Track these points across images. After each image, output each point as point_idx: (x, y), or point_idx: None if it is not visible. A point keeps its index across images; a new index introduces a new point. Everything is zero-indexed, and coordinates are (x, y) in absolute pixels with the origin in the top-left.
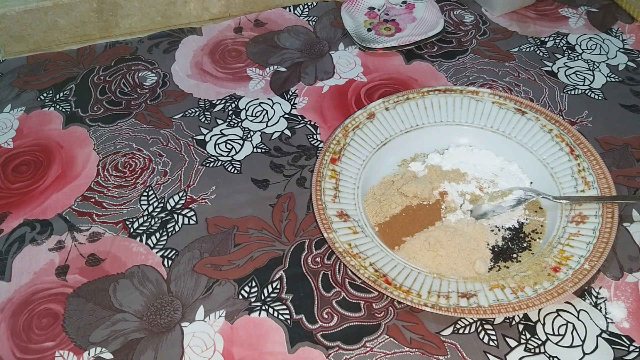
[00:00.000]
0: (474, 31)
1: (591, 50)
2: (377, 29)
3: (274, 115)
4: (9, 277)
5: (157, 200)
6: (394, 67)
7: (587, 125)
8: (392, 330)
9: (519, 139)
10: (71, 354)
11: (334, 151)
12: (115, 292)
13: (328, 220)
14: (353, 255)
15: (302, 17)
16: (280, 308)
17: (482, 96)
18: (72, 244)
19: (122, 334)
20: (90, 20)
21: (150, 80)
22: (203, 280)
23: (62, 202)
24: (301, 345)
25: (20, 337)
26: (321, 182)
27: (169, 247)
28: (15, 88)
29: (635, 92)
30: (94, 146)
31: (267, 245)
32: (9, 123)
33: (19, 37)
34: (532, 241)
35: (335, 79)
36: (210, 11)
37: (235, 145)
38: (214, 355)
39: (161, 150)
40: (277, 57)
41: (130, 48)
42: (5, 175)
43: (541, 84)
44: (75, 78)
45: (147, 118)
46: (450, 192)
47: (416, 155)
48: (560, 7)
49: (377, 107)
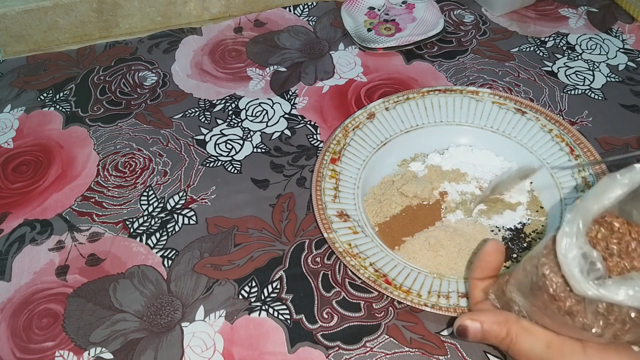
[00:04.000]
0: (474, 31)
1: (591, 50)
2: (377, 29)
3: (274, 115)
4: (9, 277)
5: (157, 200)
6: (394, 67)
7: (587, 125)
8: (392, 330)
9: (519, 139)
10: (71, 354)
11: (334, 151)
12: (115, 292)
13: (328, 220)
14: (353, 255)
15: (302, 17)
16: (280, 308)
17: (482, 96)
18: (72, 244)
19: (122, 334)
20: (90, 20)
21: (150, 80)
22: (203, 280)
23: (62, 202)
24: (301, 345)
25: (20, 337)
26: (321, 182)
27: (169, 247)
28: (15, 88)
29: (635, 92)
30: (94, 146)
31: (267, 245)
32: (9, 123)
33: (19, 37)
34: (532, 241)
35: (335, 79)
36: (210, 11)
37: (235, 145)
38: (214, 355)
39: (161, 150)
40: (277, 57)
41: (130, 48)
42: (5, 175)
43: (541, 84)
44: (75, 78)
45: (147, 118)
46: (450, 192)
47: (416, 155)
48: (560, 7)
49: (377, 107)
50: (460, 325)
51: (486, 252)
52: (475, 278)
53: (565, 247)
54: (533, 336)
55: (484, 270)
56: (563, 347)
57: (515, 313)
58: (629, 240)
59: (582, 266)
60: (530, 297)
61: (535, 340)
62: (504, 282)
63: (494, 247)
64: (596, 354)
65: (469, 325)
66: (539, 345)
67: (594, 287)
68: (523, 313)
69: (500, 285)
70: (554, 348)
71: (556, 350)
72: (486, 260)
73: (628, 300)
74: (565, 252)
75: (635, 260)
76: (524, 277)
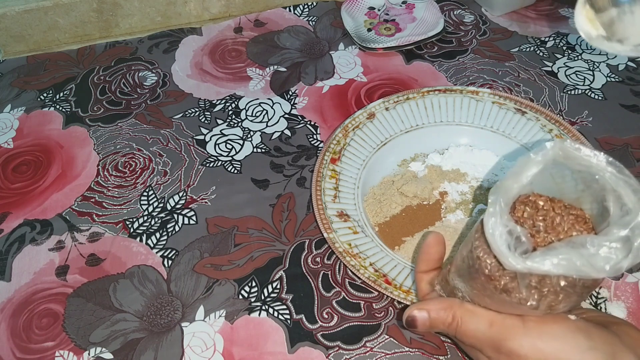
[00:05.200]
0: (474, 31)
1: (591, 50)
2: (377, 29)
3: (274, 115)
4: (9, 277)
5: (157, 200)
6: (394, 67)
7: (587, 125)
8: (392, 330)
9: (519, 139)
10: (71, 354)
11: (334, 151)
12: (115, 292)
13: (328, 220)
14: (353, 255)
15: (302, 17)
16: (280, 308)
17: (482, 96)
18: (72, 244)
19: (122, 334)
20: (90, 20)
21: (150, 80)
22: (203, 280)
23: (62, 202)
24: (301, 345)
25: (20, 337)
26: (321, 182)
27: (169, 247)
28: (15, 88)
29: (635, 92)
30: (94, 146)
31: (267, 245)
32: (9, 123)
33: (19, 37)
34: None
35: (335, 79)
36: (210, 11)
37: (235, 145)
38: (214, 355)
39: (161, 150)
40: (277, 57)
41: (130, 48)
42: (5, 175)
43: (541, 84)
44: (75, 78)
45: (147, 118)
46: (450, 192)
47: (416, 155)
48: (560, 7)
49: (377, 107)
50: (408, 316)
51: (428, 245)
52: (420, 271)
53: (492, 227)
54: (476, 317)
55: (427, 263)
56: (504, 323)
57: (459, 299)
58: (554, 216)
59: (509, 242)
60: (470, 280)
61: (479, 320)
62: (446, 271)
63: (435, 239)
64: (535, 327)
65: (417, 315)
66: (482, 324)
67: (522, 260)
68: (466, 298)
69: (444, 275)
70: (496, 325)
71: (498, 327)
72: (429, 252)
73: (554, 268)
74: (492, 231)
75: (561, 233)
76: (462, 263)
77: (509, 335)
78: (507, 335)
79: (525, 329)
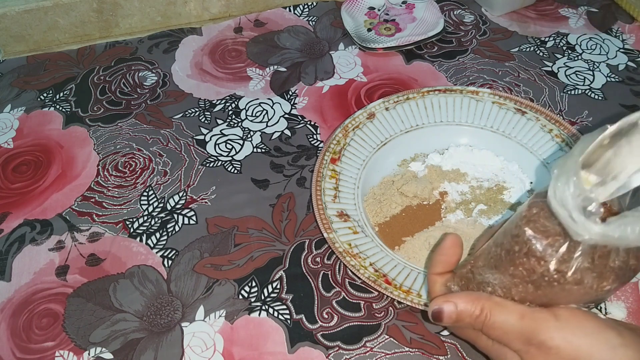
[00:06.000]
0: (474, 31)
1: (591, 50)
2: (377, 29)
3: (274, 115)
4: (9, 277)
5: (157, 200)
6: (394, 67)
7: (587, 125)
8: (392, 330)
9: (519, 139)
10: (71, 354)
11: (334, 151)
12: (115, 292)
13: (328, 220)
14: (353, 255)
15: (302, 17)
16: (280, 308)
17: (482, 96)
18: (72, 244)
19: (122, 334)
20: (90, 20)
21: (150, 80)
22: (203, 280)
23: (62, 202)
24: (301, 345)
25: (20, 337)
26: (321, 182)
27: (169, 247)
28: (15, 88)
29: (635, 92)
30: (94, 146)
31: (267, 245)
32: (9, 123)
33: (19, 37)
34: None
35: (335, 79)
36: (210, 11)
37: (235, 145)
38: (214, 355)
39: (161, 150)
40: (277, 57)
41: (130, 48)
42: (5, 175)
43: (541, 84)
44: (75, 78)
45: (147, 118)
46: (450, 192)
47: (416, 155)
48: (560, 7)
49: (377, 107)
50: (435, 309)
51: (446, 247)
52: (435, 273)
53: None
54: (506, 309)
55: (444, 265)
56: (535, 316)
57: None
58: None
59: (581, 210)
60: (510, 268)
61: (509, 312)
62: (467, 270)
63: (453, 240)
64: (567, 321)
65: (444, 307)
66: (512, 316)
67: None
68: (497, 292)
69: (464, 275)
70: (527, 317)
71: (529, 319)
72: (447, 254)
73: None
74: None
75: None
76: (498, 253)
77: (541, 327)
78: (538, 328)
79: (557, 322)
